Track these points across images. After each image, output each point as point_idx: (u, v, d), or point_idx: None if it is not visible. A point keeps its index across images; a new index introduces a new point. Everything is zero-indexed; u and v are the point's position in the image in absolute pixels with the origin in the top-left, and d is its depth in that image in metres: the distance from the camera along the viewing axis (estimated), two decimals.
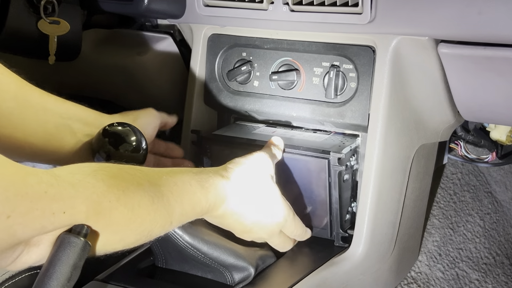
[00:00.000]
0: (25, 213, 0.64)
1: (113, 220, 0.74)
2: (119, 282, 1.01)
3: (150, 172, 0.83)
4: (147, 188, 0.78)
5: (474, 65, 1.07)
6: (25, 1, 1.16)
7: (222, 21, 1.21)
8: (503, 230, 1.65)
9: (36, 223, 0.66)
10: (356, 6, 1.04)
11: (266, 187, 1.00)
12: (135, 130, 1.03)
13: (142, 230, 0.78)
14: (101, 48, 1.42)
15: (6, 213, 0.63)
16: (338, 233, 1.14)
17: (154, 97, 1.49)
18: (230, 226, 0.99)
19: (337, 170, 1.09)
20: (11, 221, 0.63)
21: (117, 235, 0.76)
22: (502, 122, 1.33)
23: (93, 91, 1.65)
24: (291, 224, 1.05)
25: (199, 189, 0.88)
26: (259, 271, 1.04)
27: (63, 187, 0.68)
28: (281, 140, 1.10)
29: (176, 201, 0.83)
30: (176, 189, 0.83)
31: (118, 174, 0.76)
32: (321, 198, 1.13)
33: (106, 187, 0.72)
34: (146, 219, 0.78)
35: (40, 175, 0.67)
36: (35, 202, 0.65)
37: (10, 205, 0.63)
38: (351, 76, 1.12)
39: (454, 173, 1.69)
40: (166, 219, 0.81)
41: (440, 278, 1.50)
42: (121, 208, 0.74)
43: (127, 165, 0.81)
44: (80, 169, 0.73)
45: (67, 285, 0.70)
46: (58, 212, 0.67)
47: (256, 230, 1.01)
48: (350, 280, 1.12)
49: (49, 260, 0.70)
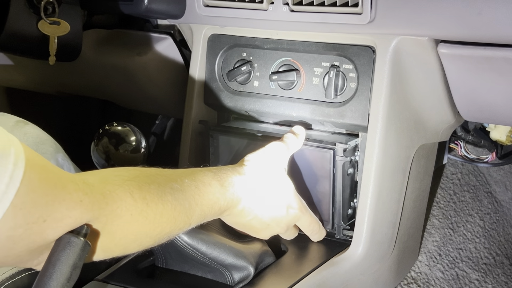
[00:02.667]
0: (59, 219, 0.67)
1: (131, 231, 0.77)
2: (119, 282, 1.01)
3: (174, 176, 0.86)
4: (170, 197, 0.81)
5: (474, 65, 1.07)
6: (25, 1, 1.17)
7: (222, 21, 1.21)
8: (503, 230, 1.65)
9: (66, 229, 0.69)
10: (356, 6, 1.04)
11: (281, 180, 1.02)
12: (134, 130, 1.03)
13: (162, 235, 0.82)
14: (101, 49, 1.42)
15: (43, 217, 0.66)
16: (340, 225, 1.14)
17: (154, 97, 1.49)
18: (248, 224, 1.00)
19: (341, 162, 1.10)
20: (46, 225, 0.66)
21: (135, 242, 0.79)
22: (502, 122, 1.33)
23: (93, 91, 1.65)
24: (307, 218, 1.07)
25: (218, 189, 0.90)
26: (259, 271, 1.04)
27: (95, 198, 0.71)
28: (303, 129, 1.10)
29: (197, 204, 0.86)
30: (197, 192, 0.86)
31: (144, 185, 0.79)
32: (325, 189, 1.14)
33: (133, 201, 0.76)
34: (166, 227, 0.81)
35: (77, 182, 0.70)
36: (70, 210, 0.68)
37: (48, 210, 0.66)
38: (351, 76, 1.12)
39: (454, 173, 1.69)
40: (185, 222, 0.85)
41: (440, 278, 1.50)
42: (142, 220, 0.77)
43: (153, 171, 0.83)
44: (112, 179, 0.76)
45: (67, 285, 0.70)
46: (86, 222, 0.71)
47: (273, 225, 1.02)
48: (350, 280, 1.12)
49: (49, 260, 0.70)
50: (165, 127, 1.84)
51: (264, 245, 1.08)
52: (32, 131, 1.09)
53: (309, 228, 1.09)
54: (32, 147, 1.03)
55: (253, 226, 1.01)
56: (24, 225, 0.65)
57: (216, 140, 1.21)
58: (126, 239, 0.78)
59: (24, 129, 1.09)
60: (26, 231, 0.65)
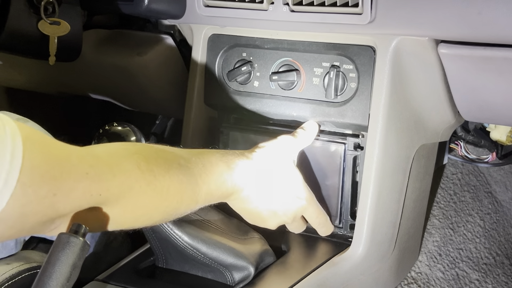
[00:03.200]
0: (68, 192, 0.68)
1: (142, 203, 0.78)
2: (119, 282, 1.01)
3: (181, 153, 0.87)
4: (177, 172, 0.82)
5: (474, 65, 1.07)
6: (25, 1, 1.16)
7: (222, 21, 1.21)
8: (503, 230, 1.65)
9: (76, 201, 0.70)
10: (356, 6, 1.04)
11: (288, 169, 1.02)
12: (134, 130, 1.03)
13: (169, 210, 0.83)
14: (102, 49, 1.42)
15: (53, 191, 0.66)
16: (347, 220, 1.15)
17: (154, 97, 1.49)
18: (255, 211, 1.00)
19: (352, 156, 1.12)
20: (56, 198, 0.67)
21: (145, 215, 0.80)
22: (502, 122, 1.33)
23: (93, 91, 1.65)
24: (315, 209, 1.07)
25: (225, 170, 0.91)
26: (260, 271, 1.04)
27: (101, 169, 0.72)
28: (315, 125, 1.12)
29: (203, 182, 0.87)
30: (204, 171, 0.87)
31: (151, 158, 0.80)
32: (334, 184, 1.15)
33: (140, 172, 0.76)
34: (173, 201, 0.82)
35: (82, 154, 0.71)
36: (77, 182, 0.69)
37: (56, 183, 0.67)
38: (351, 76, 1.12)
39: (454, 173, 1.69)
40: (192, 199, 0.86)
41: (440, 278, 1.50)
42: (150, 193, 0.78)
43: (160, 147, 0.85)
44: (118, 151, 0.77)
45: (67, 284, 0.70)
46: (96, 194, 0.71)
47: (280, 214, 1.02)
48: (350, 280, 1.12)
49: (48, 259, 0.70)
50: (165, 127, 1.83)
51: (264, 245, 1.08)
52: None
53: (316, 220, 1.10)
54: None
55: (259, 214, 1.01)
56: (35, 200, 0.66)
57: (226, 136, 1.23)
58: (137, 211, 0.79)
59: None
60: (37, 206, 0.66)
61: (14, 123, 0.66)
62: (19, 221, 0.66)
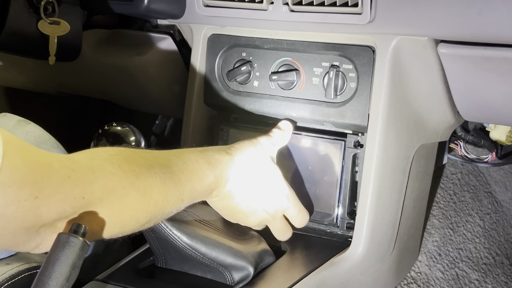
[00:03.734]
0: (50, 195, 0.68)
1: (127, 205, 0.78)
2: (119, 282, 1.01)
3: (160, 154, 0.87)
4: (158, 170, 0.82)
5: (474, 65, 1.07)
6: (25, 1, 1.16)
7: (222, 21, 1.21)
8: (503, 230, 1.65)
9: (59, 206, 0.69)
10: (356, 6, 1.04)
11: (267, 166, 1.03)
12: (134, 130, 1.03)
13: (156, 210, 0.82)
14: (101, 48, 1.42)
15: (34, 194, 0.66)
16: (344, 219, 1.15)
17: (154, 97, 1.49)
18: (236, 207, 1.01)
19: (351, 153, 1.12)
20: (38, 202, 0.67)
21: (132, 218, 0.80)
22: (502, 122, 1.33)
23: (93, 91, 1.65)
24: (295, 206, 1.07)
25: (206, 166, 0.92)
26: (259, 271, 1.04)
27: (83, 172, 0.72)
28: (288, 124, 1.12)
29: (186, 179, 0.87)
30: (185, 168, 0.87)
31: (131, 159, 0.80)
32: (332, 181, 1.15)
33: (122, 173, 0.76)
34: (158, 200, 0.82)
35: (63, 160, 0.71)
36: (59, 185, 0.69)
37: (38, 186, 0.67)
38: (351, 76, 1.12)
39: (454, 173, 1.69)
40: (177, 197, 0.86)
41: (440, 278, 1.50)
42: (134, 193, 0.78)
43: (138, 149, 0.86)
44: (98, 154, 0.77)
45: (66, 284, 0.70)
46: (79, 197, 0.71)
47: (261, 210, 1.03)
48: (350, 280, 1.12)
49: (48, 259, 0.70)
50: (165, 127, 1.83)
51: (264, 245, 1.08)
52: (34, 131, 1.09)
53: (297, 218, 1.09)
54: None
55: (241, 210, 1.02)
56: (16, 202, 0.65)
57: (226, 133, 1.24)
58: (123, 214, 0.78)
59: (26, 128, 1.09)
60: (18, 208, 0.66)
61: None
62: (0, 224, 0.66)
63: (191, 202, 0.91)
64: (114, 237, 0.81)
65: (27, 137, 1.06)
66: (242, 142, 1.03)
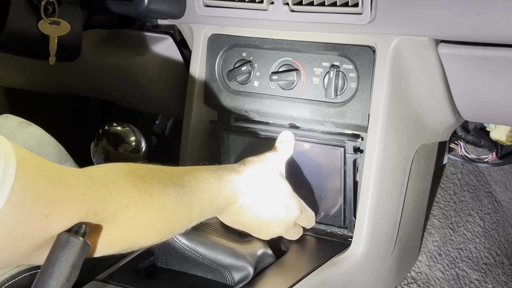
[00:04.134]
0: (63, 213, 0.67)
1: (138, 223, 0.78)
2: (119, 282, 1.01)
3: (174, 172, 0.87)
4: (172, 191, 0.83)
5: (474, 65, 1.07)
6: (25, 1, 1.16)
7: (222, 21, 1.21)
8: (503, 230, 1.65)
9: (71, 222, 0.69)
10: (356, 6, 1.04)
11: (277, 182, 1.04)
12: (134, 131, 1.03)
13: (166, 229, 0.83)
14: (101, 49, 1.42)
15: (46, 212, 0.66)
16: (351, 220, 1.16)
17: (154, 97, 1.49)
18: (248, 223, 1.02)
19: (352, 158, 1.13)
20: (49, 220, 0.66)
21: (143, 235, 0.80)
22: (502, 122, 1.33)
23: (93, 91, 1.65)
24: (306, 215, 1.09)
25: (216, 186, 0.92)
26: (259, 271, 1.04)
27: (98, 190, 0.71)
28: (290, 135, 1.13)
29: (197, 200, 0.88)
30: (197, 189, 0.88)
31: (146, 178, 0.80)
32: (336, 186, 1.16)
33: (136, 192, 0.76)
34: (170, 220, 0.82)
35: (78, 176, 0.70)
36: (73, 203, 0.68)
37: (50, 205, 0.66)
38: (351, 76, 1.12)
39: (454, 173, 1.69)
40: (187, 217, 0.86)
41: (440, 278, 1.50)
42: (147, 212, 0.78)
43: (153, 166, 0.85)
44: (113, 171, 0.77)
45: (66, 284, 0.70)
46: (91, 214, 0.71)
47: (273, 225, 1.03)
48: (350, 280, 1.12)
49: (48, 259, 0.70)
50: (165, 127, 1.84)
51: (263, 245, 1.08)
52: (35, 132, 1.09)
53: (307, 224, 1.13)
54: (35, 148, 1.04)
55: (252, 226, 1.03)
56: (26, 222, 0.65)
57: (227, 139, 1.24)
58: (135, 232, 0.79)
59: (28, 130, 1.09)
60: (28, 228, 0.65)
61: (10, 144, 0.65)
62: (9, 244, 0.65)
63: (199, 221, 0.92)
64: (123, 252, 0.81)
65: (29, 139, 1.06)
66: (251, 158, 1.04)
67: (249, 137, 1.22)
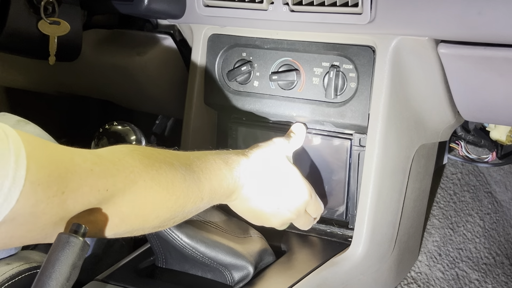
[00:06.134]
0: (76, 189, 0.69)
1: (148, 198, 0.79)
2: (119, 282, 1.01)
3: (179, 153, 0.88)
4: (178, 167, 0.84)
5: (474, 65, 1.07)
6: (25, 1, 1.16)
7: (222, 21, 1.21)
8: (503, 230, 1.65)
9: (84, 198, 0.71)
10: (356, 6, 1.04)
11: (286, 166, 1.03)
12: (134, 129, 1.03)
13: (177, 206, 0.83)
14: (101, 48, 1.42)
15: (61, 189, 0.68)
16: (354, 214, 1.15)
17: (154, 97, 1.49)
18: (258, 210, 1.01)
19: (357, 151, 1.14)
20: (65, 196, 0.68)
21: (153, 212, 0.81)
22: (502, 122, 1.33)
23: (93, 91, 1.65)
24: (316, 202, 1.08)
25: (224, 165, 0.93)
26: (259, 270, 1.04)
27: (105, 165, 0.73)
28: (302, 126, 1.14)
29: (205, 178, 0.88)
30: (204, 166, 0.89)
31: (151, 155, 0.81)
32: (340, 179, 1.16)
33: (143, 167, 0.78)
34: (180, 196, 0.83)
35: (85, 154, 0.72)
36: (84, 179, 0.70)
37: (63, 181, 0.68)
38: (351, 76, 1.12)
39: (454, 173, 1.69)
40: (197, 195, 0.87)
41: (440, 278, 1.50)
42: (155, 187, 0.79)
43: (159, 148, 0.86)
44: (119, 149, 0.79)
45: (66, 284, 0.70)
46: (103, 189, 0.72)
47: (284, 210, 1.03)
48: (350, 280, 1.12)
49: (48, 259, 0.70)
50: (165, 127, 1.83)
51: (264, 244, 1.08)
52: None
53: (315, 212, 1.10)
54: None
55: (263, 212, 1.02)
56: (46, 199, 0.67)
57: (235, 131, 1.24)
58: (145, 208, 0.79)
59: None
60: (48, 205, 0.67)
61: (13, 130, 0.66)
62: (30, 221, 0.67)
63: (211, 203, 0.92)
64: (134, 232, 0.82)
65: None
66: (258, 144, 1.04)
67: (258, 129, 1.22)
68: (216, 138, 1.31)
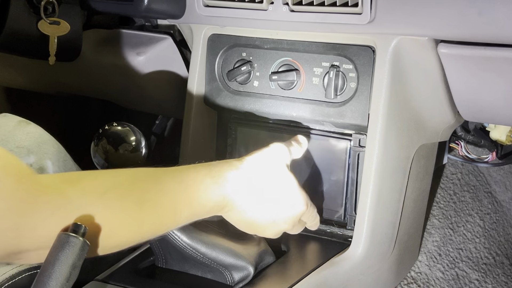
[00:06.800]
0: (33, 229, 0.68)
1: (114, 238, 0.78)
2: (119, 282, 1.01)
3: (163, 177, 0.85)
4: (151, 204, 0.81)
5: (474, 65, 1.07)
6: (25, 1, 1.17)
7: (222, 21, 1.21)
8: (503, 230, 1.65)
9: (40, 239, 0.70)
10: (356, 6, 1.04)
11: (282, 175, 0.99)
12: (134, 130, 1.03)
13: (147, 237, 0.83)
14: (101, 48, 1.42)
15: (18, 225, 0.67)
16: (352, 215, 1.15)
17: (154, 97, 1.49)
18: (252, 222, 0.98)
19: (357, 152, 1.14)
20: (21, 233, 0.67)
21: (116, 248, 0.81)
22: (502, 122, 1.33)
23: (93, 91, 1.65)
24: (311, 212, 1.05)
25: (211, 185, 0.89)
26: (259, 270, 1.04)
27: (71, 211, 0.72)
28: (305, 139, 1.09)
29: (184, 205, 0.86)
30: (187, 191, 0.86)
31: (125, 195, 0.79)
32: (339, 179, 1.16)
33: (111, 214, 0.76)
34: (148, 232, 0.82)
35: (52, 195, 0.71)
36: (43, 221, 0.69)
37: (22, 219, 0.67)
38: (351, 76, 1.12)
39: (454, 173, 1.69)
40: (172, 223, 0.86)
41: (440, 278, 1.50)
42: (124, 233, 0.79)
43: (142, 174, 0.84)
44: (94, 188, 0.76)
45: (66, 284, 0.70)
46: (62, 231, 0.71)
47: (279, 222, 0.99)
48: (350, 280, 1.12)
49: (48, 259, 0.70)
50: (165, 127, 1.84)
51: (264, 245, 1.08)
52: (34, 131, 1.09)
53: (313, 222, 1.09)
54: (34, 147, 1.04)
55: (256, 223, 0.98)
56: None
57: (235, 131, 1.24)
58: (107, 247, 0.79)
59: (27, 129, 1.09)
60: (1, 237, 0.66)
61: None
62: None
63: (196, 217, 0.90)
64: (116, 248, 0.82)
65: (28, 138, 1.06)
66: (254, 153, 0.99)
67: (258, 129, 1.22)
68: (216, 138, 1.31)
